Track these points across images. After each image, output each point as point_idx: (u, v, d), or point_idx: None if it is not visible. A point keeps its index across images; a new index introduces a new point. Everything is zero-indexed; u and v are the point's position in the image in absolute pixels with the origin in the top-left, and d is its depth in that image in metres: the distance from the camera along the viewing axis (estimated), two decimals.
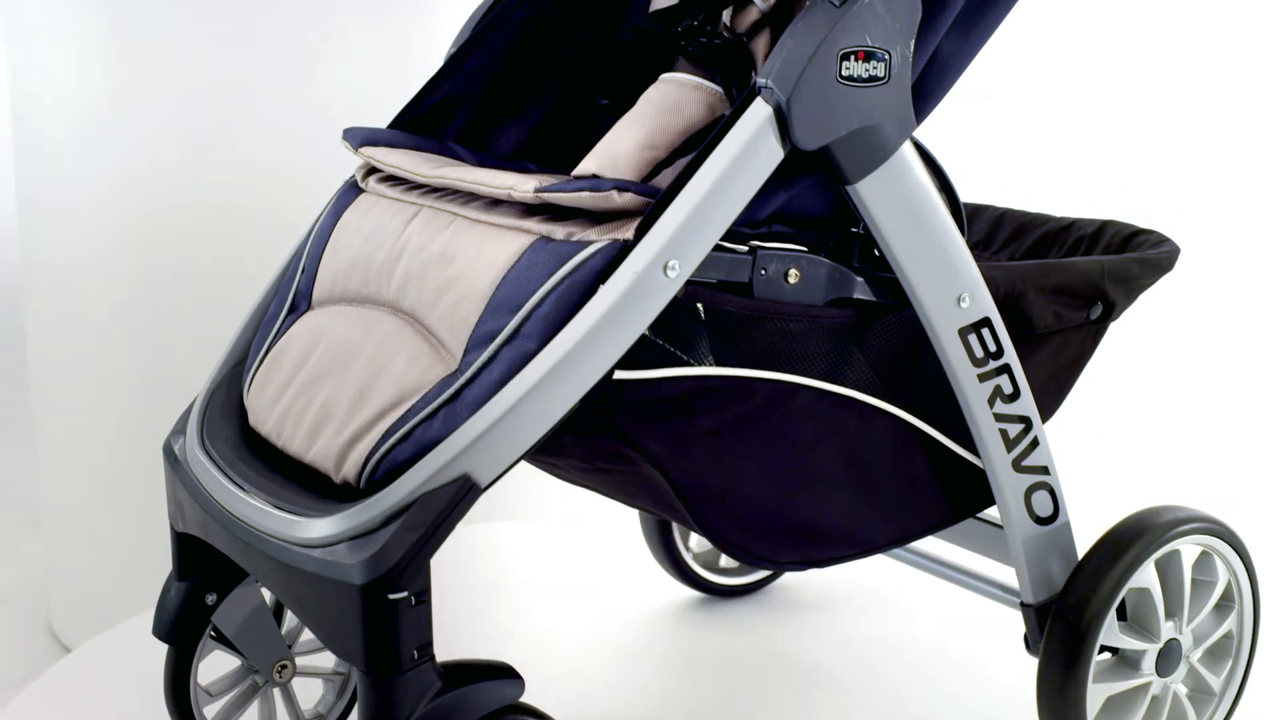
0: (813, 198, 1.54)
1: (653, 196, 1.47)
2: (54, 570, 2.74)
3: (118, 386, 2.51)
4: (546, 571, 2.61)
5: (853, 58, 1.49)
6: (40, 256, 2.57)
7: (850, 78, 1.49)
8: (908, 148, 1.55)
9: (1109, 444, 3.18)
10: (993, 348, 1.66)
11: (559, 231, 1.48)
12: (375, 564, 1.38)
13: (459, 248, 1.54)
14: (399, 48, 2.53)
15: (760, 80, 1.47)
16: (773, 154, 1.48)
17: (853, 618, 2.40)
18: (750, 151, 1.47)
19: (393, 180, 1.71)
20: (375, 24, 2.51)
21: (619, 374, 1.46)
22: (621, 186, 1.46)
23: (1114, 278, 1.80)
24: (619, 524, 2.70)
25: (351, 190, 1.76)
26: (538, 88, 1.88)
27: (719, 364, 1.53)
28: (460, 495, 1.40)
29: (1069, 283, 1.76)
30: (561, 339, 1.42)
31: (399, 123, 1.82)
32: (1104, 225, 2.00)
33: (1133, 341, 2.10)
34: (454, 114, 1.84)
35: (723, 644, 2.31)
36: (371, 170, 1.76)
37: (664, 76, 1.75)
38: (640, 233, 1.44)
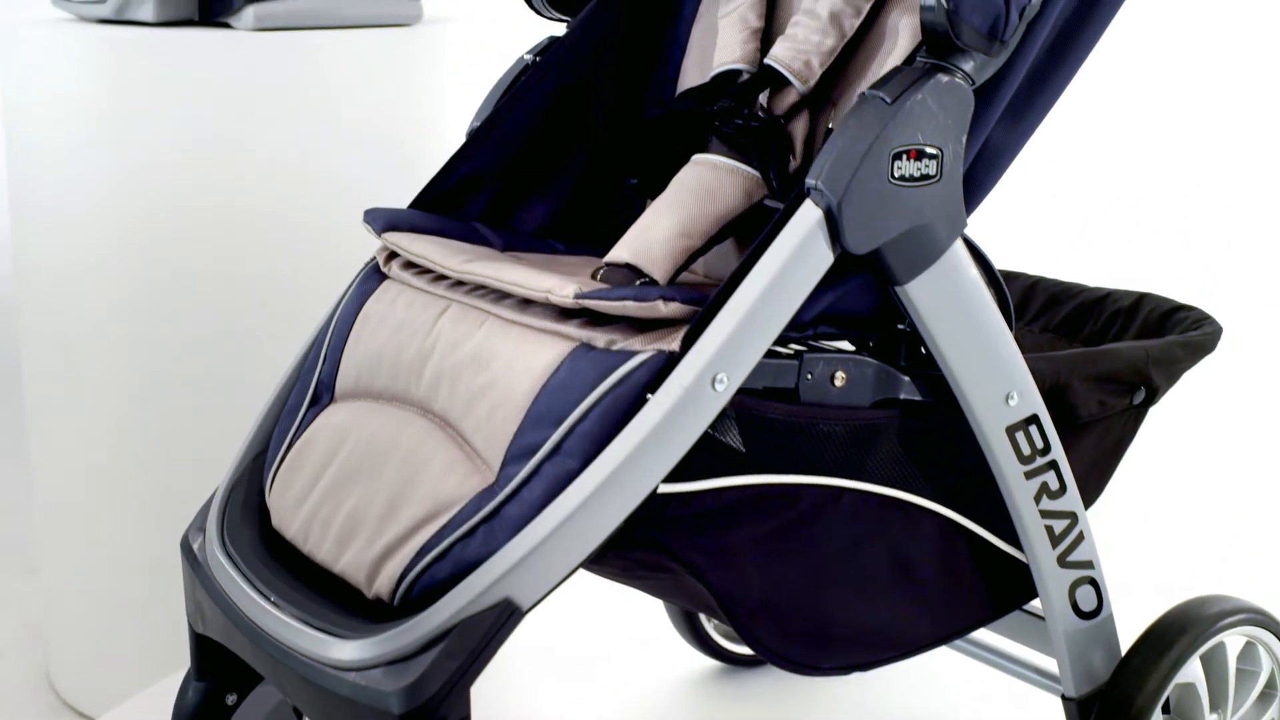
0: (859, 297, 1.49)
1: (699, 304, 1.41)
2: (52, 617, 2.68)
3: (116, 421, 2.45)
4: (556, 634, 2.56)
5: (905, 157, 1.43)
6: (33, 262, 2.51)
7: (902, 177, 1.44)
8: (958, 245, 1.50)
9: (1148, 528, 3.10)
10: (1040, 444, 1.61)
11: (600, 338, 1.43)
12: (414, 693, 1.33)
13: (494, 350, 1.48)
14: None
15: (809, 181, 1.42)
16: (823, 259, 1.43)
17: (882, 691, 2.35)
18: (800, 257, 1.42)
19: (419, 269, 1.65)
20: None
21: (662, 488, 1.41)
22: (667, 296, 1.40)
23: (1157, 362, 1.75)
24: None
25: (374, 275, 1.70)
26: (562, 163, 1.82)
27: (762, 471, 1.48)
28: (502, 620, 1.35)
29: (1114, 370, 1.72)
30: (606, 458, 1.37)
31: (421, 200, 1.77)
32: (1141, 299, 1.95)
33: (1170, 422, 2.05)
34: (478, 191, 1.78)
35: (748, 718, 2.27)
36: (394, 253, 1.70)
37: (697, 158, 1.69)
38: (687, 344, 1.39)
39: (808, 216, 1.42)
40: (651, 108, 1.85)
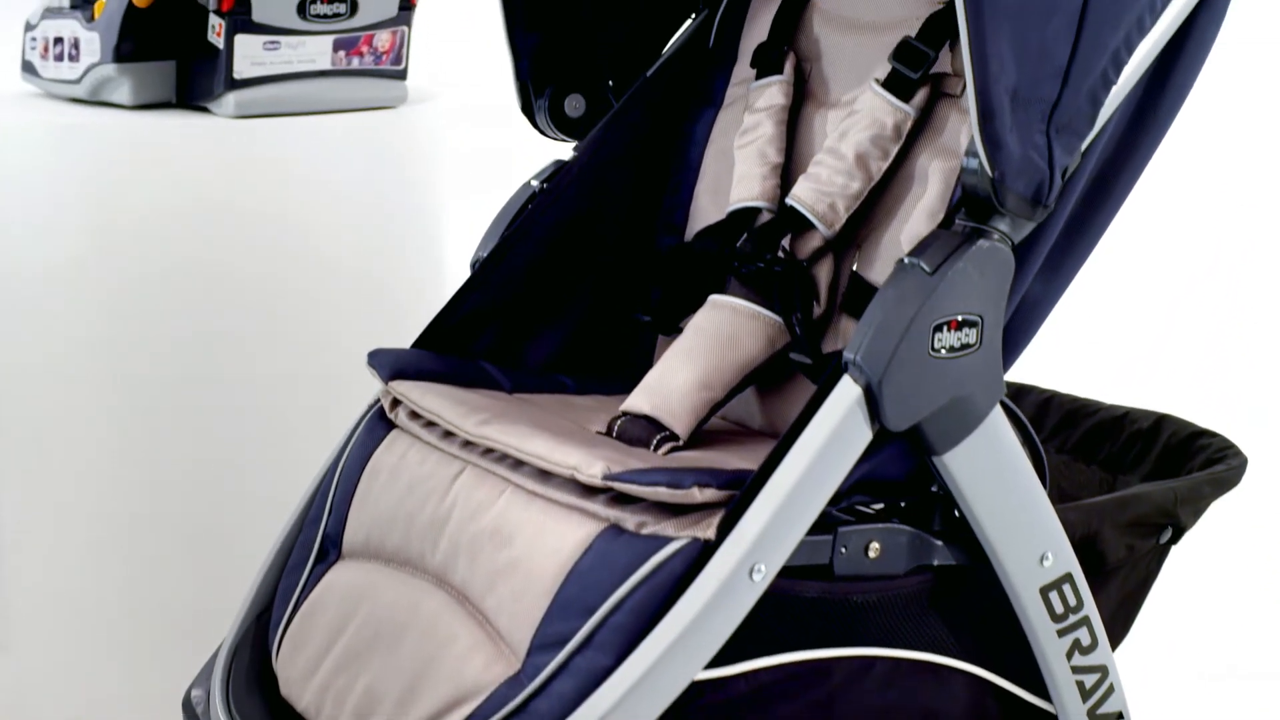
0: (894, 465, 1.44)
1: (734, 486, 1.36)
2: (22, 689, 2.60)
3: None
4: None
5: (946, 328, 1.38)
6: None
7: (943, 349, 1.38)
8: (995, 409, 1.45)
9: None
10: (1073, 602, 1.56)
11: (629, 520, 1.37)
12: None
13: (516, 525, 1.43)
14: None
15: (848, 355, 1.36)
16: (862, 438, 1.38)
17: None
18: (839, 438, 1.37)
19: (429, 421, 1.59)
20: None
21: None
22: (701, 482, 1.35)
23: (1185, 502, 1.71)
24: None
25: (380, 423, 1.64)
26: (570, 295, 1.77)
27: (796, 649, 1.43)
28: None
29: (1143, 515, 1.68)
30: (640, 655, 1.32)
31: (427, 337, 1.71)
32: (1160, 421, 1.91)
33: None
34: (484, 327, 1.73)
35: None
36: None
37: (715, 300, 1.64)
38: (723, 531, 1.34)
39: (846, 394, 1.36)
40: (662, 235, 1.79)
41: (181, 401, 2.32)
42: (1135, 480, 1.86)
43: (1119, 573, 1.69)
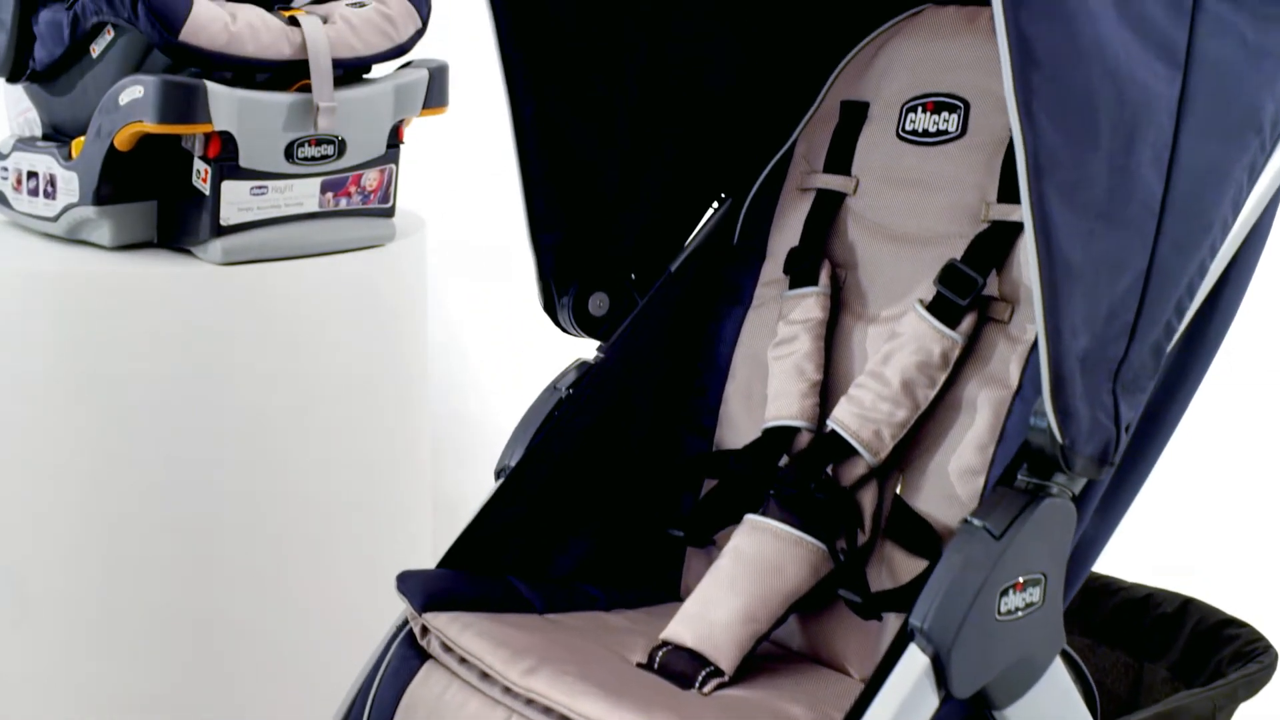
0: (954, 716, 1.42)
1: None
2: None
3: None
4: None
5: (1011, 590, 1.36)
6: None
7: (1008, 612, 1.36)
8: (1055, 660, 1.43)
9: None
10: None
11: None
12: None
13: None
14: None
15: (914, 623, 1.34)
16: (929, 706, 1.35)
17: None
18: (907, 709, 1.34)
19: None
20: None
21: None
22: None
23: (1222, 709, 1.70)
24: None
25: (412, 651, 1.59)
26: (597, 504, 1.73)
27: None
28: None
29: None
30: None
31: (455, 554, 1.66)
32: (1186, 605, 1.89)
33: None
34: (512, 538, 1.69)
35: None
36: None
37: (754, 522, 1.61)
38: None
39: (914, 665, 1.34)
40: (689, 437, 1.75)
41: (160, 550, 2.26)
42: (1162, 669, 1.85)
43: None
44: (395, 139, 2.33)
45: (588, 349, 1.75)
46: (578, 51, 1.67)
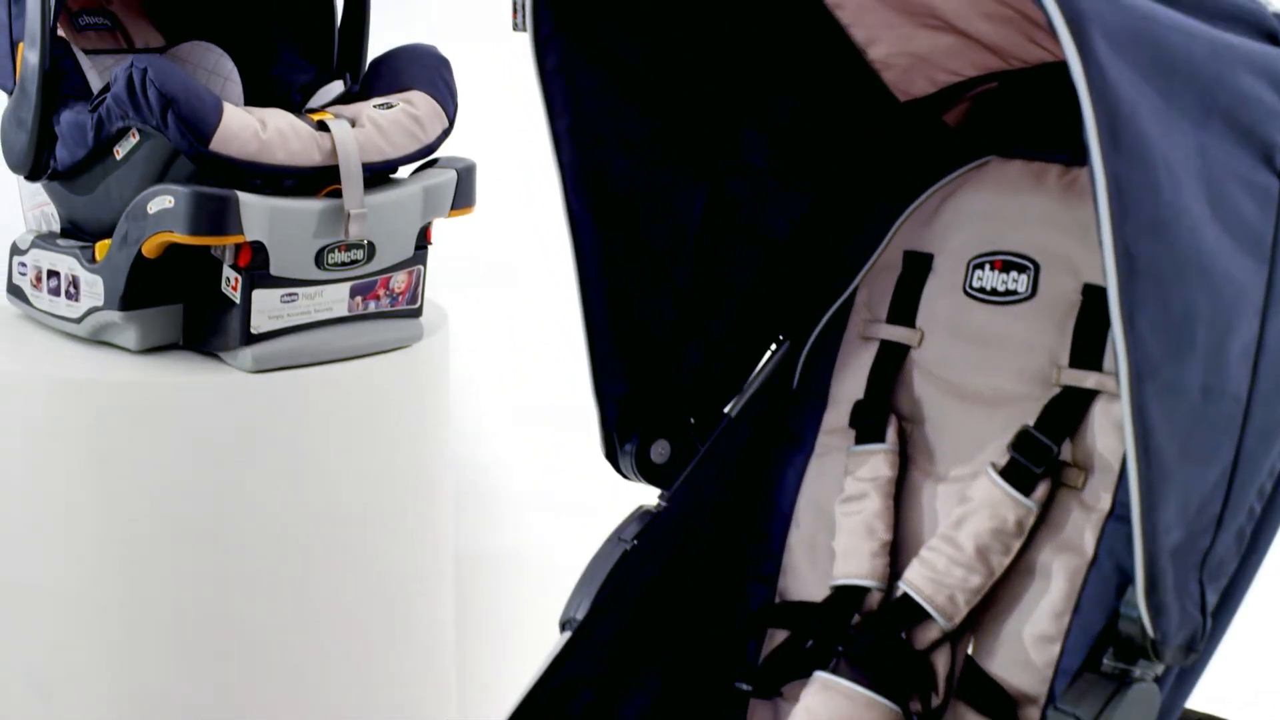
0: None
1: None
2: None
3: None
4: None
5: None
6: None
7: None
8: None
9: None
10: None
11: None
12: None
13: None
14: None
15: None
16: None
17: None
18: None
19: None
20: None
21: None
22: None
23: None
24: None
25: None
26: (660, 653, 1.73)
27: None
28: None
29: None
30: None
31: (526, 705, 1.65)
32: None
33: None
34: (579, 692, 1.69)
35: None
36: None
37: (825, 681, 1.61)
38: None
39: None
40: (753, 584, 1.76)
41: (187, 646, 2.26)
42: None
43: None
44: (423, 240, 2.32)
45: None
46: (640, 201, 1.67)
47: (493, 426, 3.09)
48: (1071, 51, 1.17)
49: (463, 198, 2.34)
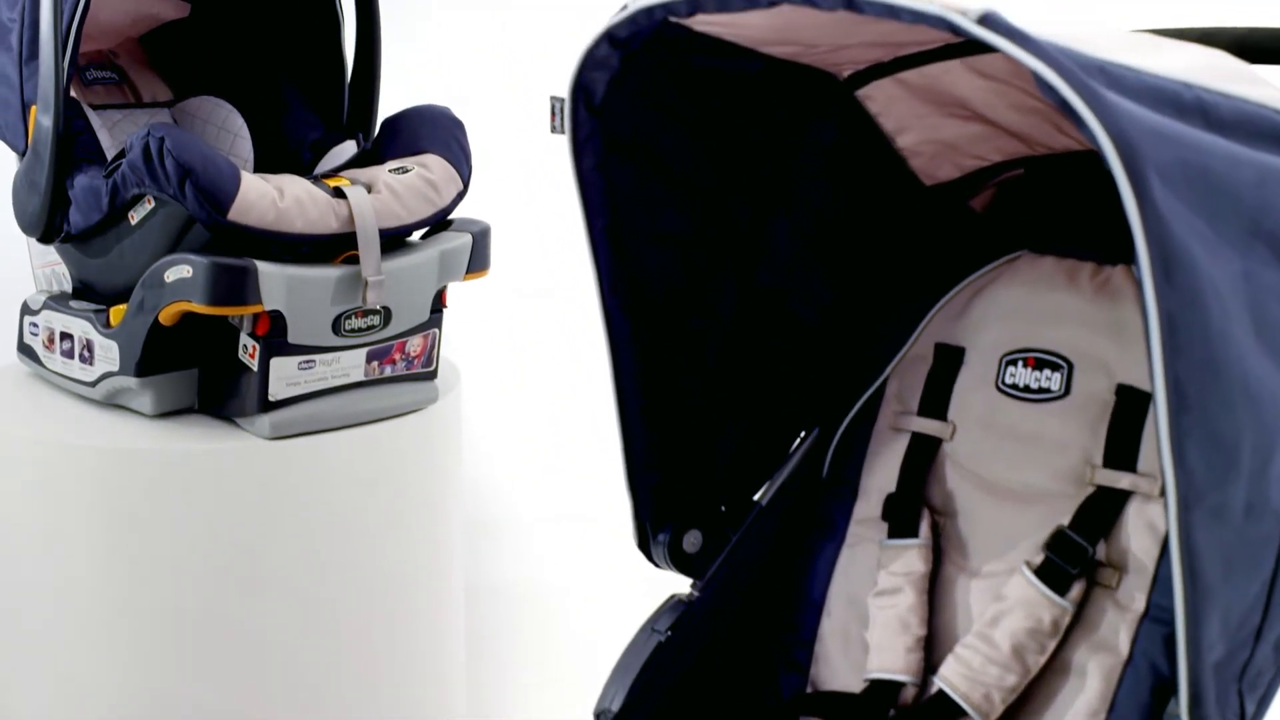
0: None
1: None
2: None
3: None
4: None
5: None
6: None
7: None
8: None
9: None
10: None
11: None
12: None
13: None
14: None
15: None
16: None
17: None
18: None
19: None
20: None
21: None
22: None
23: None
24: None
25: None
26: None
27: None
28: None
29: None
30: None
31: None
32: None
33: None
34: None
35: None
36: None
37: None
38: None
39: None
40: (783, 672, 1.77)
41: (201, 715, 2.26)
42: None
43: None
44: (439, 304, 2.32)
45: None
46: (675, 294, 1.67)
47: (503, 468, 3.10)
48: (1127, 191, 1.18)
49: (478, 261, 2.34)
